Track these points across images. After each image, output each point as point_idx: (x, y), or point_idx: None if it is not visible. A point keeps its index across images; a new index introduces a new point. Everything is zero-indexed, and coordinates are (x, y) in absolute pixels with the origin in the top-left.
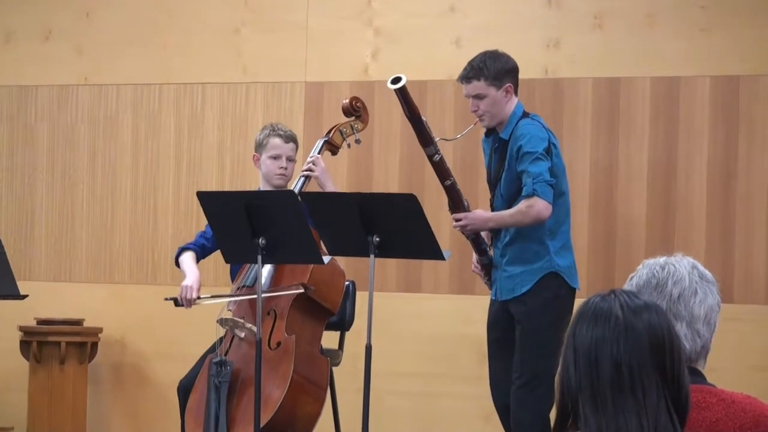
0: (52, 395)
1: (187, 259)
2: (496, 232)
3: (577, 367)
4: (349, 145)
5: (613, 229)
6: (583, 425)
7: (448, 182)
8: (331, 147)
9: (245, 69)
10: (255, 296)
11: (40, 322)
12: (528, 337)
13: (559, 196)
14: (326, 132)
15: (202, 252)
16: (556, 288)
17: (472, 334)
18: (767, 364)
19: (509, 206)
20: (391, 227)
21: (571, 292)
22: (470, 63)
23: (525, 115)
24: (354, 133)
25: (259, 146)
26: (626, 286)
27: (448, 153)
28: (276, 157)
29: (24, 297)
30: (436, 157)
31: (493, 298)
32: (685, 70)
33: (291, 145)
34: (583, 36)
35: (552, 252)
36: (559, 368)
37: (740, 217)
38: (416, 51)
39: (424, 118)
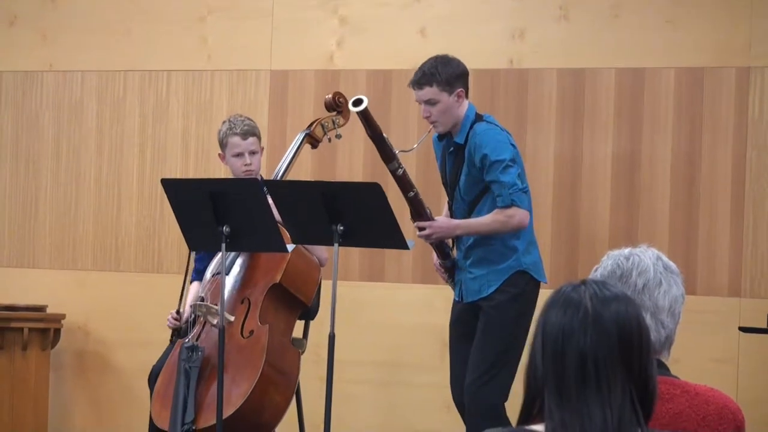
0: (14, 381)
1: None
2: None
3: (545, 357)
4: (329, 140)
5: (577, 220)
6: (548, 417)
7: (412, 193)
8: (312, 140)
9: (210, 56)
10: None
11: (3, 307)
12: (489, 329)
13: None
14: (308, 125)
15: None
16: (524, 284)
17: (435, 324)
18: (730, 356)
19: (472, 209)
20: (355, 216)
21: (537, 286)
22: (421, 68)
23: (479, 117)
24: (335, 128)
25: (222, 145)
26: (591, 277)
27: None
28: (238, 155)
29: None
30: (399, 171)
31: (457, 299)
32: (650, 62)
33: (250, 139)
34: (548, 27)
35: (519, 252)
36: (527, 359)
37: (704, 209)
38: (381, 40)
39: (385, 135)
